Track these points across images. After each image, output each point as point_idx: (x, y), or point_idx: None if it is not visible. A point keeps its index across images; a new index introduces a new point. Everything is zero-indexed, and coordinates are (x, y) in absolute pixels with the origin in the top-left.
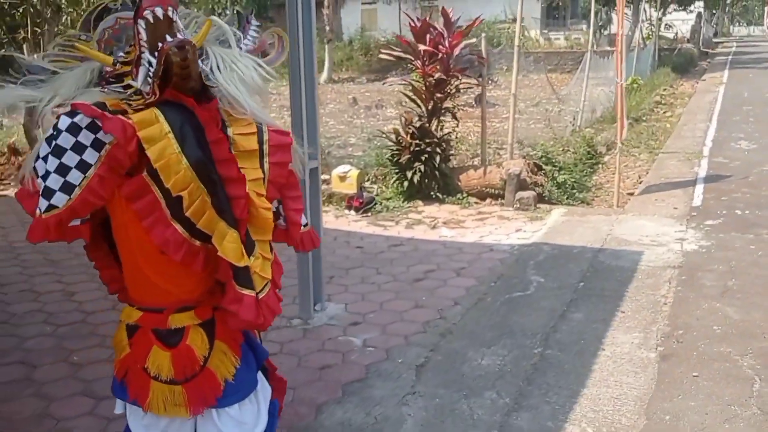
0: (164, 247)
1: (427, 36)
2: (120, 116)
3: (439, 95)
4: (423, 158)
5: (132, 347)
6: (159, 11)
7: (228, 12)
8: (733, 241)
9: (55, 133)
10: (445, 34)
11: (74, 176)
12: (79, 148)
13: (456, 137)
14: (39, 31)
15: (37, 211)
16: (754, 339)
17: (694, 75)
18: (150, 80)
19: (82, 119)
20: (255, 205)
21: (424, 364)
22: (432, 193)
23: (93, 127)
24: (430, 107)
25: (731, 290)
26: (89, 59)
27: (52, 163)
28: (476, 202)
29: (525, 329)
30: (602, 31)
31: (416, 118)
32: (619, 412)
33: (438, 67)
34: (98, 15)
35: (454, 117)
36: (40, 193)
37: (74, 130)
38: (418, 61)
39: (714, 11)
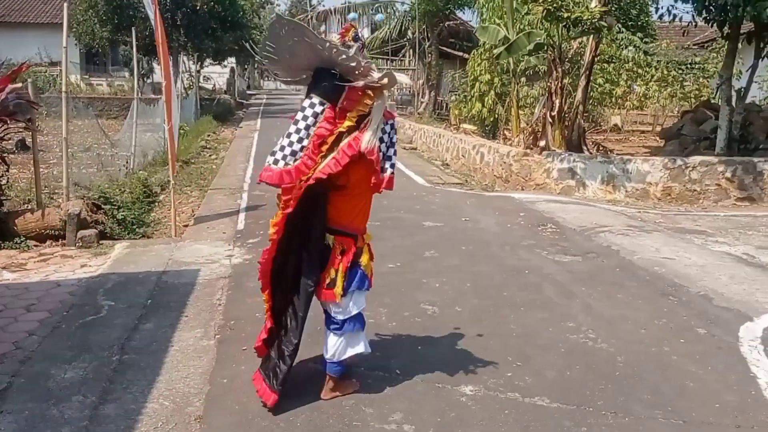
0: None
1: None
2: None
3: None
4: None
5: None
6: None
7: None
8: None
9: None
10: None
11: None
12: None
13: (7, 182)
14: None
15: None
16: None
17: (233, 123)
18: None
19: None
20: None
21: (8, 388)
22: None
23: None
24: None
25: None
26: None
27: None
28: (36, 245)
29: (102, 344)
30: (145, 79)
31: None
32: (189, 385)
33: None
34: None
35: (4, 161)
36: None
37: None
38: None
39: (245, 66)
